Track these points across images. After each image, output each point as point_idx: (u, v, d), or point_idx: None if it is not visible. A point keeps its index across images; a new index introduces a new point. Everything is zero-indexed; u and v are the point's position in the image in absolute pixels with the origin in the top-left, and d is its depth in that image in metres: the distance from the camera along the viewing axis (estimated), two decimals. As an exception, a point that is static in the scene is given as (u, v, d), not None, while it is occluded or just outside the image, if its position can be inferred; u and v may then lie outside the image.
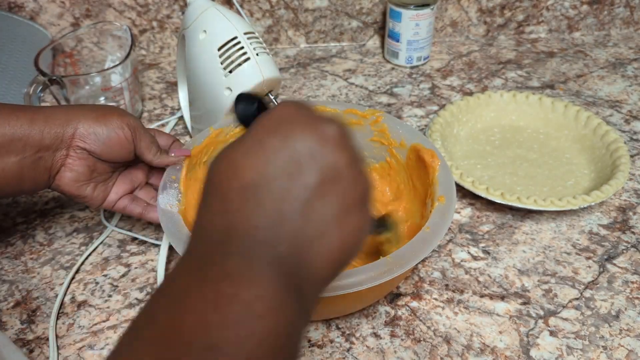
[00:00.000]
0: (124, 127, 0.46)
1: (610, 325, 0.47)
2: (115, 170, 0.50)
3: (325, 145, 0.27)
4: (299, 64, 0.86)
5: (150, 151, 0.48)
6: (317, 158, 0.27)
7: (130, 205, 0.50)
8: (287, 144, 0.27)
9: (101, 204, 0.49)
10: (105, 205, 0.50)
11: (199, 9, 0.56)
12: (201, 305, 0.23)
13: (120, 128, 0.46)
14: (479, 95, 0.69)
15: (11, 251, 0.55)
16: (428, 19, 0.80)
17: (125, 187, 0.50)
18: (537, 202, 0.54)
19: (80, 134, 0.45)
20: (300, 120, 0.28)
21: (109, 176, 0.49)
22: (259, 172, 0.26)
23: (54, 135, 0.44)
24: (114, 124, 0.46)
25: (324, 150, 0.27)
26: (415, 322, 0.47)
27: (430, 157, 0.49)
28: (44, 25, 0.83)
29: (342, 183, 0.28)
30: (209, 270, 0.24)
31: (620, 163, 0.58)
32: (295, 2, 0.85)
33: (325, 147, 0.27)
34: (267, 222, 0.26)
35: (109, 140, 0.46)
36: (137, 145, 0.48)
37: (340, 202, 0.28)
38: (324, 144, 0.27)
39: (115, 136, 0.46)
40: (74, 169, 0.46)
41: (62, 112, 0.46)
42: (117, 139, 0.46)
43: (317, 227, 0.27)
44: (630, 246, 0.54)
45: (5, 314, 0.49)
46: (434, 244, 0.41)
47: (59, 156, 0.45)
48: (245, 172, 0.26)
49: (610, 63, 0.85)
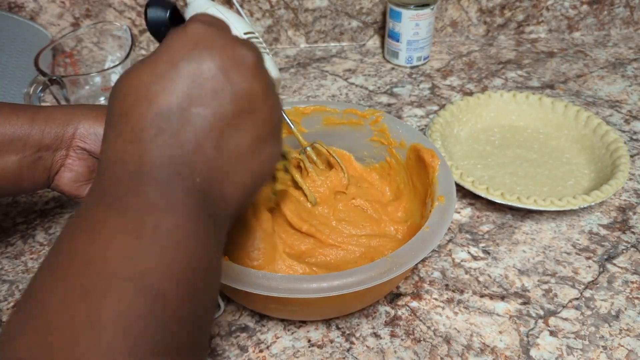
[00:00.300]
0: None
1: (610, 325, 0.47)
2: None
3: (243, 72, 0.27)
4: (299, 64, 0.86)
5: None
6: (234, 86, 0.27)
7: None
8: (202, 70, 0.26)
9: None
10: None
11: (199, 8, 0.56)
12: (122, 236, 0.23)
13: None
14: (479, 95, 0.69)
15: (11, 251, 0.55)
16: (428, 19, 0.80)
17: None
18: (537, 202, 0.54)
19: (80, 134, 0.45)
20: (216, 43, 0.27)
21: None
22: (173, 98, 0.26)
23: (54, 135, 0.44)
24: None
25: (240, 77, 0.27)
26: (415, 322, 0.47)
27: (430, 156, 0.49)
28: (44, 25, 0.83)
29: (258, 114, 0.28)
30: (128, 200, 0.24)
31: (620, 163, 0.58)
32: (295, 2, 0.85)
33: (242, 73, 0.27)
34: (183, 152, 0.26)
35: None
36: None
37: (254, 133, 0.28)
38: (241, 71, 0.27)
39: None
40: (73, 169, 0.46)
41: (62, 112, 0.46)
42: None
43: (232, 159, 0.27)
44: (630, 246, 0.54)
45: (5, 313, 0.49)
46: (434, 243, 0.41)
47: (59, 156, 0.45)
48: (158, 97, 0.26)
49: (610, 63, 0.85)
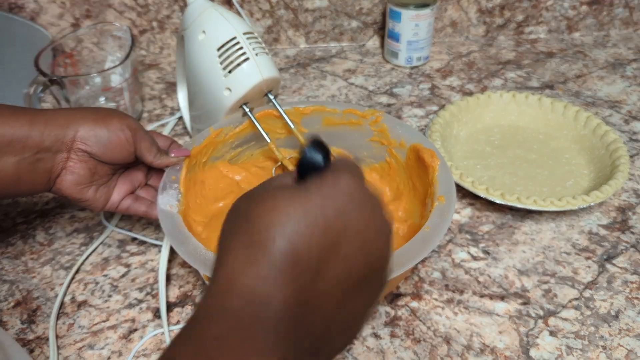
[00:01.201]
0: (124, 129, 0.46)
1: (610, 325, 0.47)
2: (115, 172, 0.50)
3: (381, 241, 0.28)
4: (298, 64, 0.86)
5: (150, 152, 0.48)
6: (369, 255, 0.27)
7: (135, 205, 0.50)
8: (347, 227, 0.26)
9: (103, 207, 0.49)
10: (109, 207, 0.50)
11: (198, 9, 0.56)
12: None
13: (121, 130, 0.46)
14: (478, 96, 0.69)
15: (11, 251, 0.55)
16: (428, 19, 0.80)
17: (127, 188, 0.50)
18: (537, 202, 0.55)
19: (81, 136, 0.45)
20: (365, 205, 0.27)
21: (109, 178, 0.49)
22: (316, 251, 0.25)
23: (54, 137, 0.44)
24: (115, 126, 0.46)
25: (377, 245, 0.28)
26: (415, 322, 0.47)
27: (430, 157, 0.49)
28: (44, 26, 0.83)
29: (376, 285, 0.28)
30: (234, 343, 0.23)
31: (620, 163, 0.58)
32: (295, 2, 0.85)
33: (380, 242, 0.28)
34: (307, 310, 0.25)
35: (109, 142, 0.46)
36: (137, 147, 0.48)
37: (368, 302, 0.28)
38: (380, 239, 0.28)
39: (116, 138, 0.46)
40: (75, 172, 0.46)
41: (62, 114, 0.46)
42: (117, 141, 0.46)
43: (346, 322, 0.27)
44: (630, 246, 0.54)
45: (6, 313, 0.49)
46: (434, 244, 0.41)
47: (60, 159, 0.45)
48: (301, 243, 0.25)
49: (610, 63, 0.85)
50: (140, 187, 0.52)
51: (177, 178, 0.49)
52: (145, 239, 0.55)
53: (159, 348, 0.45)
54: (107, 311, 0.49)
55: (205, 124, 0.58)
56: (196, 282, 0.51)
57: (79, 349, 0.46)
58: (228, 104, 0.54)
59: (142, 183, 0.52)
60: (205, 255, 0.40)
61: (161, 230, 0.45)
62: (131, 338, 0.47)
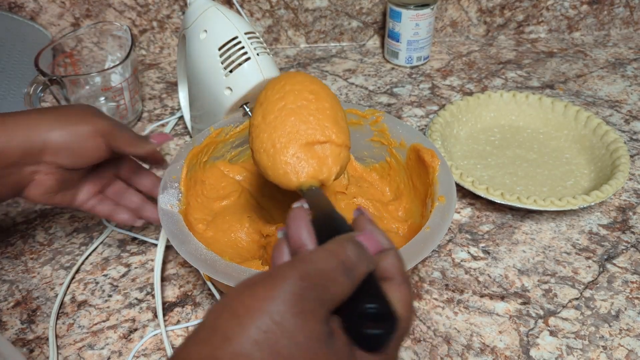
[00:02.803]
0: (96, 137, 0.44)
1: (610, 325, 0.47)
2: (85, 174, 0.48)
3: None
4: (299, 64, 0.86)
5: (132, 145, 0.46)
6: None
7: (99, 206, 0.48)
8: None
9: (69, 206, 0.47)
10: (75, 206, 0.48)
11: (200, 8, 0.56)
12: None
13: (93, 137, 0.43)
14: (478, 95, 0.69)
15: (11, 251, 0.55)
16: (428, 19, 0.80)
17: (95, 188, 0.48)
18: (537, 202, 0.55)
19: (50, 146, 0.42)
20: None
21: (78, 181, 0.47)
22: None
23: (22, 150, 0.42)
24: (86, 134, 0.43)
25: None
26: (415, 322, 0.47)
27: (430, 156, 0.49)
28: (44, 25, 0.83)
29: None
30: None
31: (620, 163, 0.58)
32: (295, 2, 0.85)
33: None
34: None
35: (80, 150, 0.43)
36: (114, 146, 0.45)
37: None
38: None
39: (88, 147, 0.43)
40: (42, 184, 0.44)
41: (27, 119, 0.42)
42: (90, 149, 0.44)
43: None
44: (630, 246, 0.54)
45: (6, 313, 0.49)
46: (434, 244, 0.41)
47: (28, 171, 0.43)
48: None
49: (610, 63, 0.85)
50: (110, 180, 0.50)
51: (178, 177, 0.49)
52: (145, 238, 0.55)
53: (159, 348, 0.46)
54: (107, 311, 0.49)
55: (205, 124, 0.58)
56: (196, 282, 0.51)
57: (79, 349, 0.46)
58: (229, 103, 0.54)
59: (111, 176, 0.50)
60: (206, 255, 0.40)
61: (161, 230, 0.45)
62: (131, 338, 0.47)
